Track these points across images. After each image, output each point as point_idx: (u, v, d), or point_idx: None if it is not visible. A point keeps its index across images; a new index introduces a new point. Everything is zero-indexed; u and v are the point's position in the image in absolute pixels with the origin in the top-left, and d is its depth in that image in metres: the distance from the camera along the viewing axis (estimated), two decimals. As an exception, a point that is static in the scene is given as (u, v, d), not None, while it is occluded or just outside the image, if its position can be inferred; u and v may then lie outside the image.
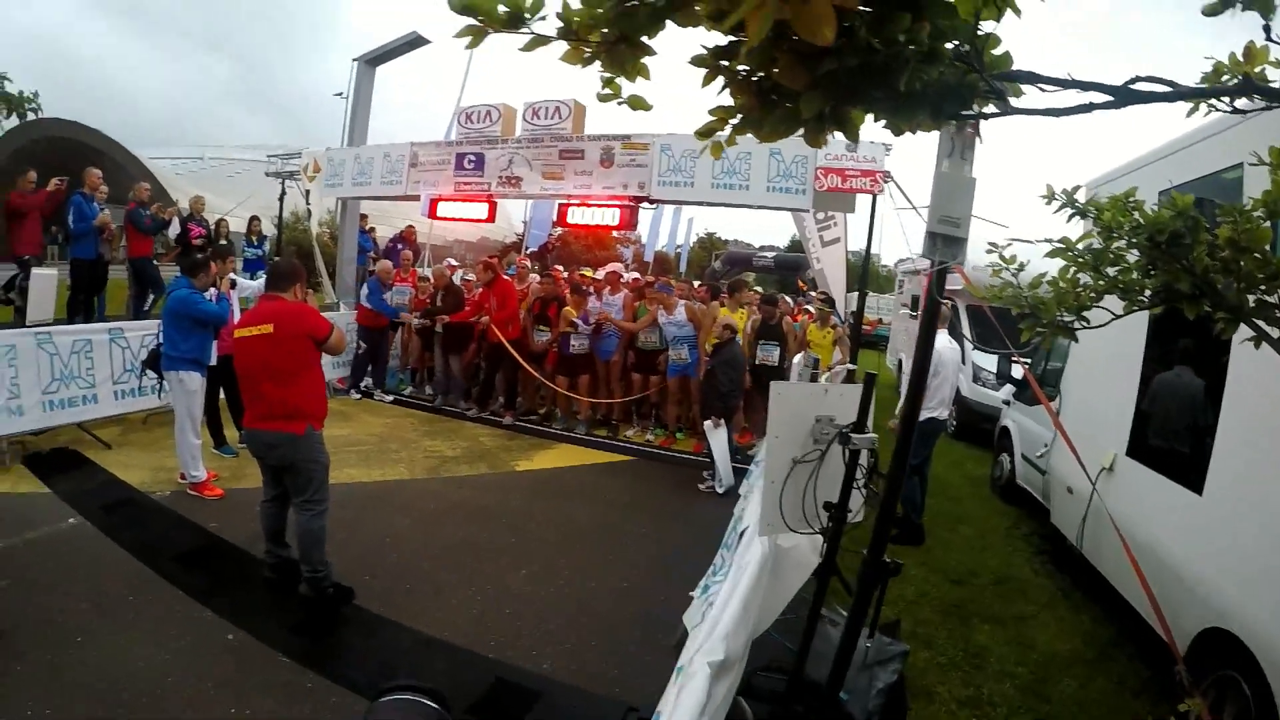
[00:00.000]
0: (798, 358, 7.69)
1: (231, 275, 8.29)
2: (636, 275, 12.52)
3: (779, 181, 8.67)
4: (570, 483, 8.62)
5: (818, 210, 10.42)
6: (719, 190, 9.05)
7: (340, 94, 14.20)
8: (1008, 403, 9.69)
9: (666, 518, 7.56)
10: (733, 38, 1.75)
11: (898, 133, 1.98)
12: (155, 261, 12.43)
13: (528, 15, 1.67)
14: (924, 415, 7.25)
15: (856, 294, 12.02)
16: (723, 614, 2.66)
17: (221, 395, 8.42)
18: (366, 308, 11.79)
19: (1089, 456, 5.90)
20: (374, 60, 12.97)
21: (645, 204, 9.82)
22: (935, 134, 2.50)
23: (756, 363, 9.66)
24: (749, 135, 1.99)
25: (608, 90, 1.92)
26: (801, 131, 1.94)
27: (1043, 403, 6.72)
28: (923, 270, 12.95)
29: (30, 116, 11.64)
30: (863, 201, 8.97)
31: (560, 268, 13.21)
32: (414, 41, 12.50)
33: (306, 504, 5.33)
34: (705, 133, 2.02)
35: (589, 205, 9.91)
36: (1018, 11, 1.83)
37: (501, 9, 1.66)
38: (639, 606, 5.56)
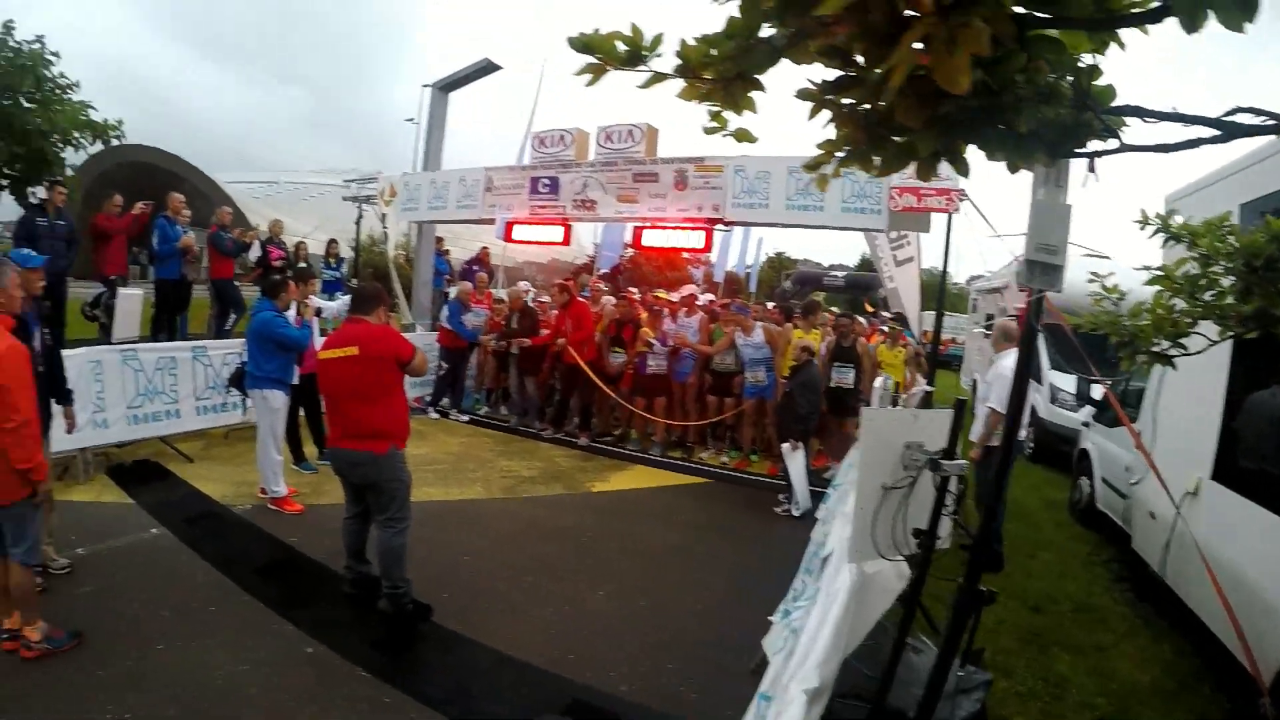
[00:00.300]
0: (878, 382, 7.61)
1: (315, 301, 8.48)
2: (711, 297, 12.50)
3: (854, 202, 8.64)
4: (646, 504, 8.62)
5: (892, 230, 10.34)
6: (794, 211, 9.03)
7: (411, 119, 14.46)
8: (1087, 424, 9.48)
9: (743, 540, 7.51)
10: (840, 73, 1.76)
11: (1013, 170, 1.96)
12: (236, 283, 12.71)
13: (646, 53, 1.69)
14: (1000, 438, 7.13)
15: (931, 313, 11.88)
16: (815, 641, 2.65)
17: (301, 413, 8.56)
18: (447, 329, 11.95)
19: (1173, 480, 5.74)
20: (447, 86, 13.18)
21: (720, 226, 9.83)
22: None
23: (831, 385, 9.53)
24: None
25: (714, 124, 1.94)
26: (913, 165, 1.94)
27: (1125, 424, 6.57)
28: (999, 288, 12.78)
29: (115, 142, 12.08)
30: (937, 220, 8.87)
31: (634, 289, 13.26)
32: (486, 68, 12.68)
33: (389, 521, 5.40)
34: (813, 166, 2.03)
35: (664, 228, 9.95)
36: (1122, 45, 1.80)
37: (621, 48, 1.68)
38: (716, 630, 5.52)
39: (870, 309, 17.93)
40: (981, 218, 7.43)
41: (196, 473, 8.44)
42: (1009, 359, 7.20)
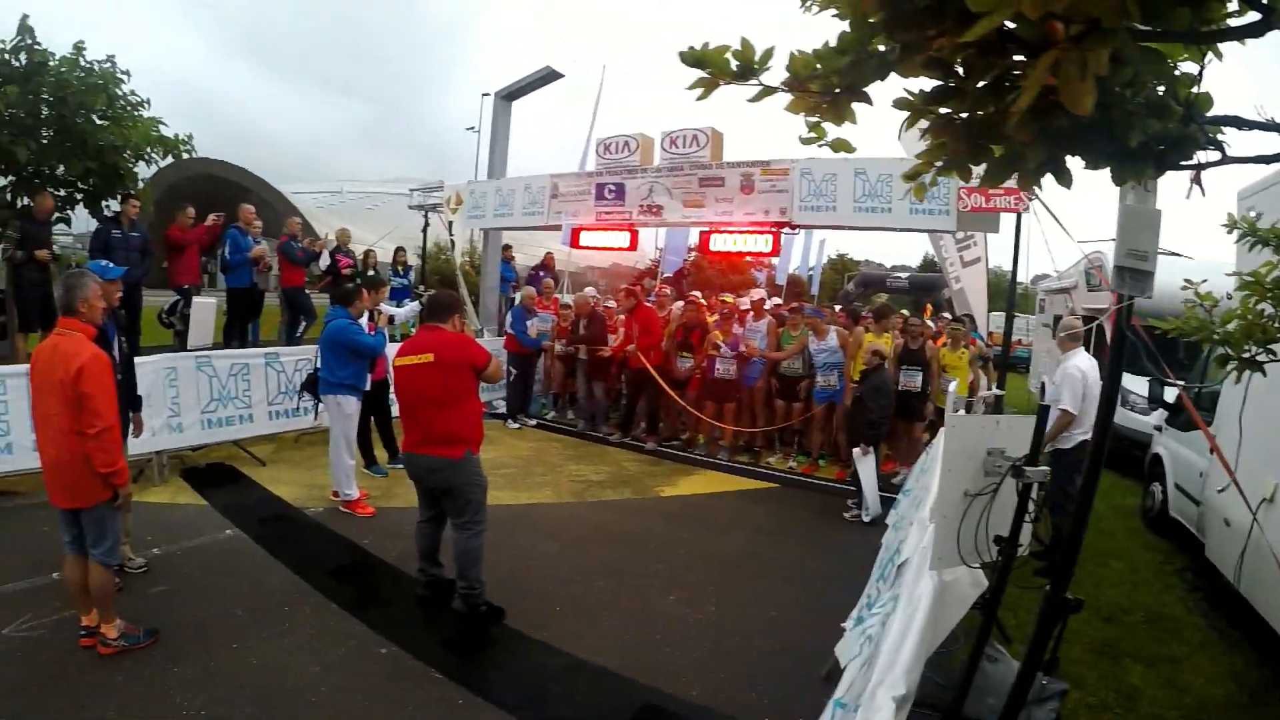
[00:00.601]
0: (951, 386, 7.52)
1: (384, 309, 8.61)
2: (778, 301, 12.46)
3: (921, 203, 8.53)
4: (714, 509, 8.60)
5: (961, 231, 10.23)
6: (861, 214, 8.98)
7: (472, 128, 14.62)
8: (1159, 428, 9.27)
9: (812, 546, 7.48)
10: (937, 82, 1.77)
11: (1119, 183, 1.97)
12: (306, 291, 12.96)
13: (757, 68, 1.72)
14: (1075, 440, 7.00)
15: (997, 314, 11.67)
16: (901, 648, 2.64)
17: (371, 419, 8.69)
18: (513, 335, 12.04)
19: (1249, 485, 5.60)
20: (510, 95, 13.28)
21: (787, 229, 9.79)
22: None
23: (900, 388, 9.43)
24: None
25: (813, 134, 1.96)
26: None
27: (1200, 428, 6.43)
28: (1067, 288, 12.57)
29: (185, 157, 12.38)
30: (1005, 220, 8.75)
31: (698, 294, 13.28)
32: (548, 76, 12.76)
33: (466, 525, 5.48)
34: (911, 175, 2.05)
35: (731, 232, 9.93)
36: (1220, 55, 1.79)
37: (733, 63, 1.71)
38: (787, 636, 5.50)
39: (928, 312, 17.73)
40: (1052, 217, 7.28)
41: (269, 476, 8.63)
42: (1075, 359, 7.11)
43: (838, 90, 1.77)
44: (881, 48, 1.66)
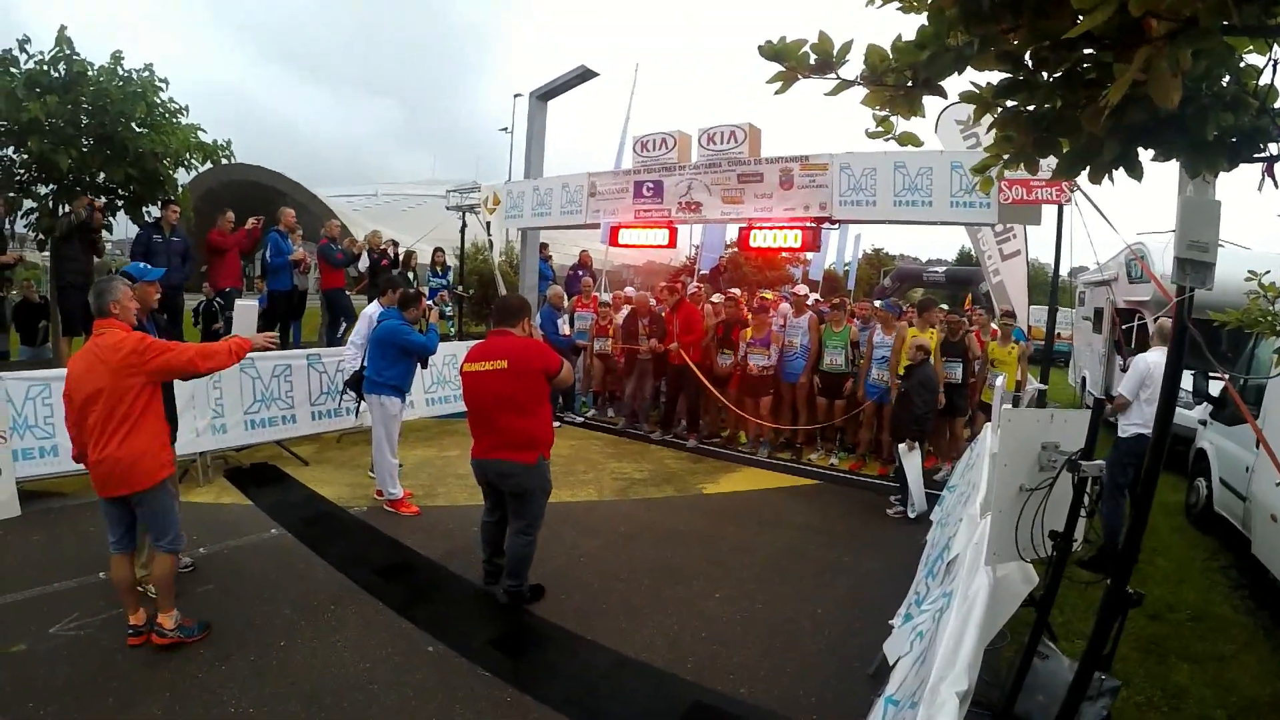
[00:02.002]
0: (999, 381, 7.46)
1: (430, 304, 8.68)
2: (817, 296, 12.40)
3: (962, 196, 8.47)
4: (758, 506, 8.58)
5: (1003, 223, 10.15)
6: (902, 208, 8.90)
7: (505, 129, 14.66)
8: (1204, 423, 9.15)
9: (857, 543, 7.44)
10: (1005, 75, 1.78)
11: (1194, 175, 1.97)
12: (346, 292, 13.08)
13: (835, 61, 1.73)
14: (1133, 430, 6.97)
15: (1036, 307, 11.51)
16: (961, 644, 2.63)
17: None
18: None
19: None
20: (545, 95, 13.26)
21: (828, 224, 9.75)
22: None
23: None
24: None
25: (880, 129, 1.98)
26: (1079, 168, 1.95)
27: (1249, 421, 6.35)
28: (1108, 280, 12.43)
29: (224, 162, 12.57)
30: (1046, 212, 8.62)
31: (735, 290, 13.27)
32: (583, 75, 12.71)
33: (527, 529, 5.59)
34: (980, 168, 2.06)
35: (771, 228, 9.87)
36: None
37: (812, 57, 1.73)
38: (834, 633, 5.49)
39: (969, 303, 17.58)
40: (1095, 209, 7.18)
41: (312, 475, 8.71)
42: (1149, 353, 7.18)
43: (911, 84, 1.78)
44: (958, 42, 1.67)
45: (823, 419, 10.52)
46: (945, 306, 11.77)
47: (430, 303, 8.60)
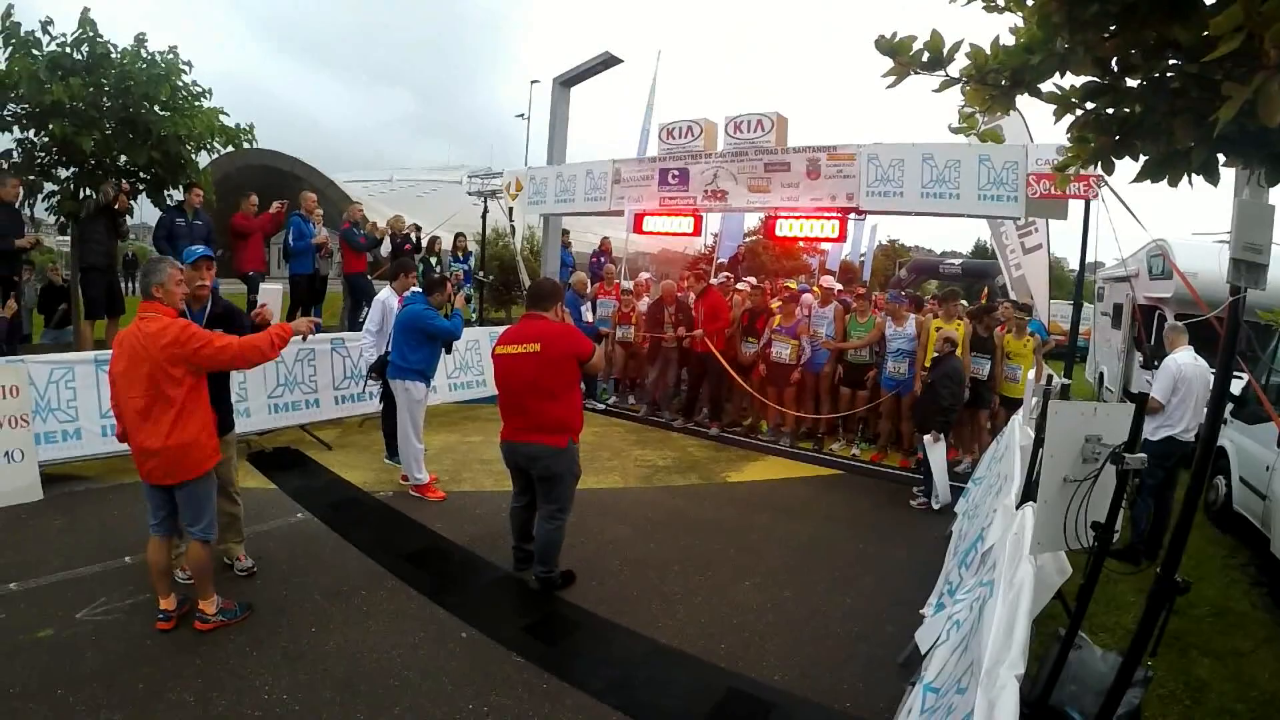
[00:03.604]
0: (1030, 373, 7.47)
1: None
2: (840, 287, 12.44)
3: (990, 189, 8.48)
4: (783, 496, 8.63)
5: (1031, 217, 10.14)
6: (929, 200, 8.89)
7: (522, 115, 14.62)
8: (1225, 421, 9.16)
9: (883, 533, 7.49)
10: (1092, 80, 1.84)
11: (1273, 184, 2.03)
12: (369, 276, 13.12)
13: (945, 59, 1.80)
14: (1161, 434, 7.00)
15: (1057, 302, 11.43)
16: (1013, 630, 2.69)
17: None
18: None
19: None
20: (568, 81, 13.21)
21: (854, 215, 9.77)
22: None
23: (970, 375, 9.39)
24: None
25: (964, 125, 2.04)
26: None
27: (1273, 418, 6.39)
28: (1129, 276, 12.41)
29: (246, 146, 12.58)
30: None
31: (751, 279, 13.25)
32: (607, 61, 12.66)
33: (556, 513, 5.63)
34: (1061, 167, 2.12)
35: (797, 217, 9.88)
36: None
37: (925, 54, 1.80)
38: (863, 622, 5.54)
39: (986, 296, 17.51)
40: (1123, 206, 7.16)
41: (336, 460, 8.76)
42: (1177, 353, 7.17)
43: (1007, 84, 1.85)
44: (1061, 46, 1.73)
45: (844, 409, 10.55)
46: (965, 301, 11.77)
47: (465, 289, 8.61)
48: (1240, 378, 7.59)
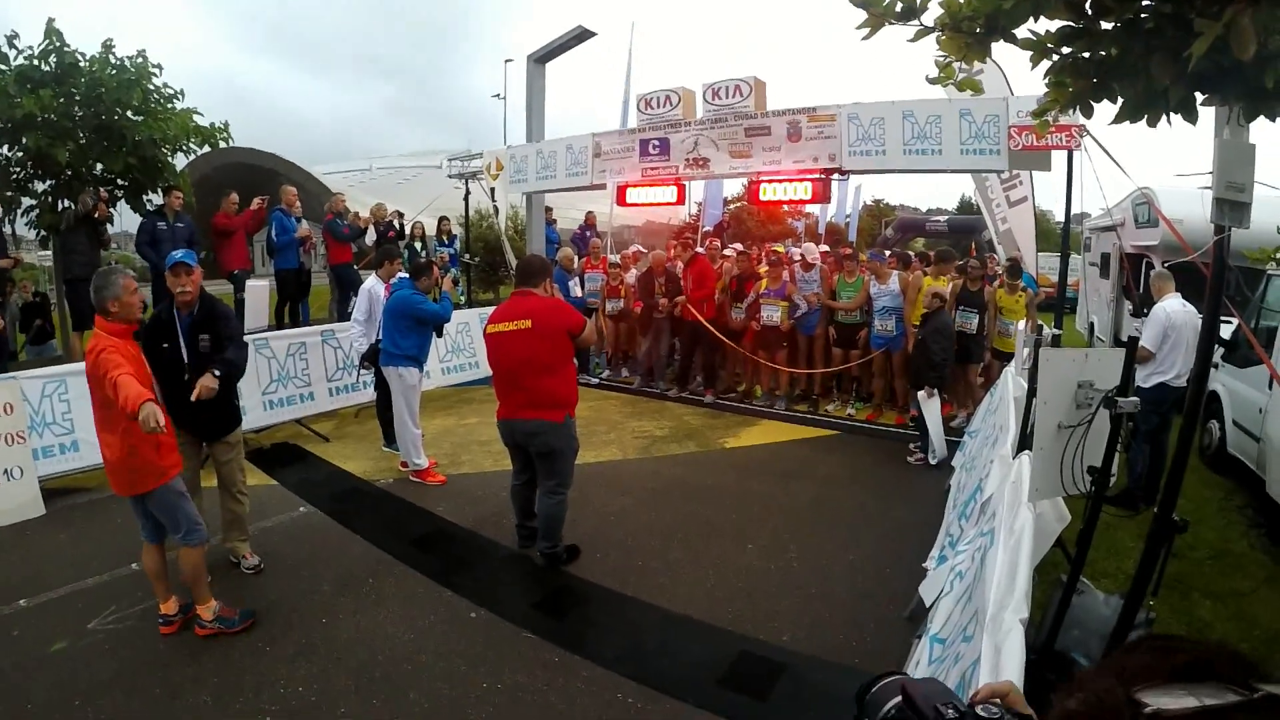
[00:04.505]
0: (1021, 325, 7.49)
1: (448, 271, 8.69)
2: (825, 248, 12.41)
3: (972, 143, 8.46)
4: (780, 458, 8.67)
5: (1014, 169, 10.12)
6: (912, 156, 8.85)
7: (498, 95, 14.52)
8: (1216, 365, 9.20)
9: (881, 491, 7.53)
10: (1067, 24, 1.86)
11: (1251, 119, 2.06)
12: (354, 266, 13.07)
13: (918, 8, 1.82)
14: (1153, 380, 7.03)
15: (1044, 254, 11.45)
16: (1015, 576, 2.73)
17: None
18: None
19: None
20: (543, 58, 13.08)
21: (837, 176, 9.73)
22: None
23: (956, 329, 9.31)
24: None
25: (943, 75, 2.06)
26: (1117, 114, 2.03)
27: (1265, 362, 6.43)
28: (1114, 225, 12.46)
29: (222, 145, 12.51)
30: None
31: (738, 245, 13.22)
32: (580, 35, 12.53)
33: (557, 488, 5.67)
34: (1039, 112, 2.14)
35: (780, 181, 9.83)
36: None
37: (899, 4, 1.82)
38: (867, 579, 5.59)
39: (974, 251, 17.53)
40: (1106, 154, 7.14)
41: (334, 451, 8.78)
42: (1165, 301, 7.20)
43: (981, 31, 1.87)
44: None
45: (838, 367, 10.61)
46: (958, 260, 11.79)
47: (452, 271, 8.60)
48: (1230, 322, 7.62)
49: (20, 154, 10.30)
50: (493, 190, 14.33)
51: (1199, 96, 1.99)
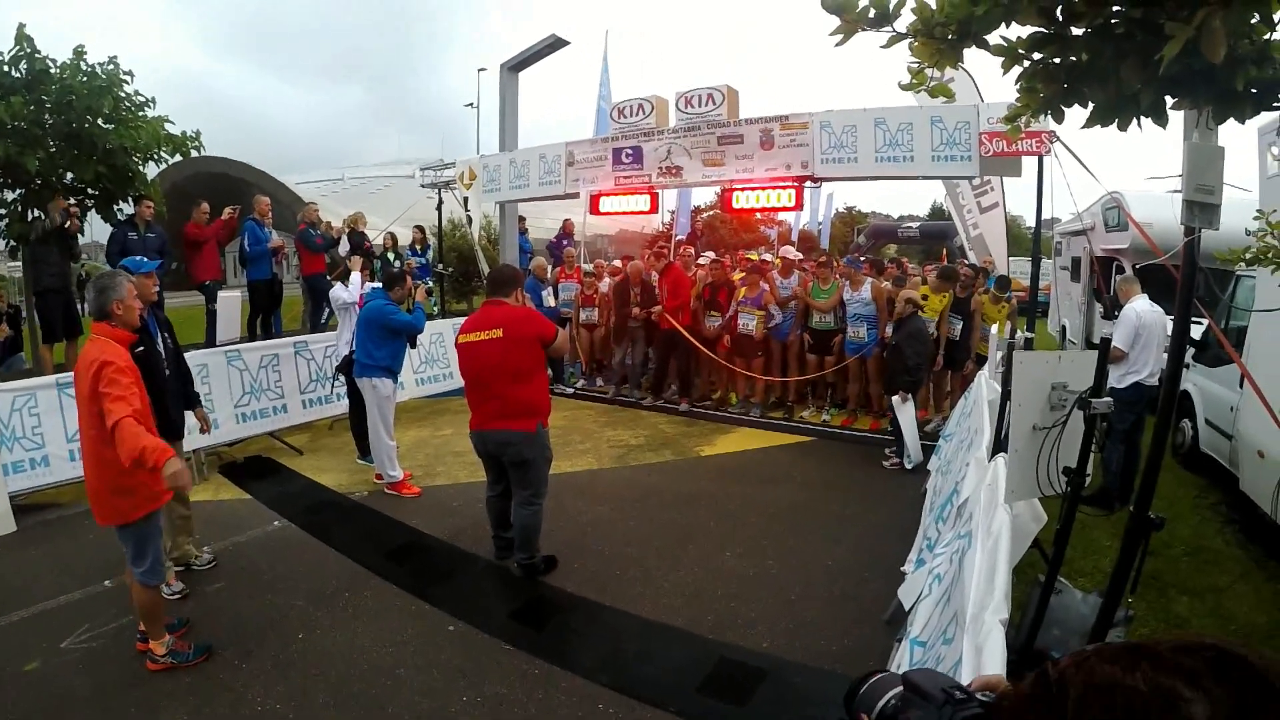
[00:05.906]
0: (993, 329, 7.55)
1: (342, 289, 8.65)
2: (801, 255, 12.46)
3: (943, 150, 8.53)
4: (756, 465, 8.69)
5: (984, 175, 10.21)
6: (884, 164, 8.92)
7: (471, 104, 14.49)
8: (1186, 365, 9.28)
9: (858, 496, 7.55)
10: (1038, 30, 1.87)
11: (1220, 121, 2.08)
12: (328, 277, 12.96)
13: (891, 14, 1.83)
14: (1128, 380, 7.10)
15: (1015, 259, 11.60)
16: (994, 577, 2.74)
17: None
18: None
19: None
20: (516, 66, 13.07)
21: (810, 183, 9.79)
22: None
23: (945, 337, 9.52)
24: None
25: (915, 81, 2.07)
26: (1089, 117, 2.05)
27: (1235, 361, 6.49)
28: (1085, 229, 12.60)
29: (194, 154, 12.37)
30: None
31: (710, 254, 13.26)
32: (554, 44, 12.55)
33: (532, 498, 5.64)
34: (1011, 117, 2.15)
35: (753, 188, 9.88)
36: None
37: (871, 11, 1.82)
38: (846, 583, 5.60)
39: (945, 258, 17.67)
40: (1076, 160, 7.23)
41: (308, 464, 8.71)
42: (1133, 302, 7.28)
43: (954, 37, 1.88)
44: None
45: (812, 373, 10.62)
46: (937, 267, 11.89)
47: (423, 281, 8.56)
48: (1200, 323, 7.71)
49: (-12, 163, 10.13)
50: (466, 200, 14.30)
51: (1169, 100, 2.01)
